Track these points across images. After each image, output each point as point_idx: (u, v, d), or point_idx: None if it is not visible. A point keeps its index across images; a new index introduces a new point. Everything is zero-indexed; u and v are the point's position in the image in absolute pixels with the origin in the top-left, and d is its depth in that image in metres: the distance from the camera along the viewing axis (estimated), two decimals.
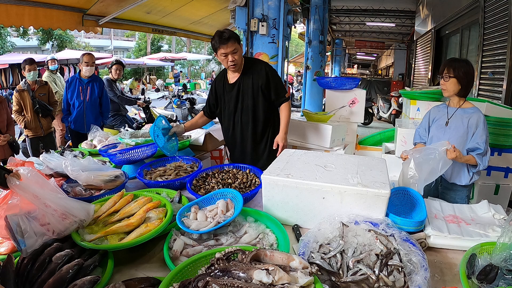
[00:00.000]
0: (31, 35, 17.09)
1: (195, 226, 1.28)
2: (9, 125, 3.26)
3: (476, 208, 1.54)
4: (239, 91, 2.24)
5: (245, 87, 2.23)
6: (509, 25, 3.55)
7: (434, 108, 2.16)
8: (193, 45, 30.11)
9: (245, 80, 2.22)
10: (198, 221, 1.32)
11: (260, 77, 2.20)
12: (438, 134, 2.04)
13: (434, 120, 2.11)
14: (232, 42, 2.04)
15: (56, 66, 5.37)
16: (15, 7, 3.66)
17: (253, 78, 2.21)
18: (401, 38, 14.09)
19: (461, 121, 1.95)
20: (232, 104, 2.27)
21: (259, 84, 2.20)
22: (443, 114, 2.06)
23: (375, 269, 1.03)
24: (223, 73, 2.33)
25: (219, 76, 2.36)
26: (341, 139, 3.14)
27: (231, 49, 2.06)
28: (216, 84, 2.34)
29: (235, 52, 2.09)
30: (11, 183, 1.17)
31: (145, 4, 4.76)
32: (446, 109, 2.06)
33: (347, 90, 3.58)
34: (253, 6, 3.98)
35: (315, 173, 1.47)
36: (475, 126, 1.89)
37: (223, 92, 2.30)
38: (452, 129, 1.97)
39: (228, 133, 2.37)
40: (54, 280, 0.99)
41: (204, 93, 12.79)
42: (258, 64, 2.26)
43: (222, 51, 2.06)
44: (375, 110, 10.56)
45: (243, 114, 2.27)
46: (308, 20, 7.63)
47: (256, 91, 2.22)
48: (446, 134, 1.99)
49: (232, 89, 2.26)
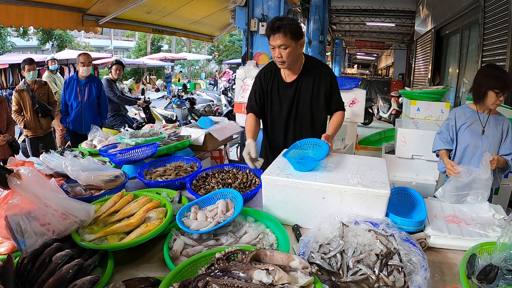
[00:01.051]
0: (31, 35, 17.09)
1: (195, 226, 1.28)
2: (9, 125, 3.26)
3: (476, 208, 1.54)
4: (295, 93, 1.97)
5: (303, 90, 1.96)
6: (509, 25, 3.55)
7: (459, 112, 2.10)
8: (193, 45, 30.13)
9: (305, 82, 1.95)
10: (198, 221, 1.32)
11: (323, 83, 1.95)
12: (475, 143, 2.03)
13: (463, 126, 2.06)
14: (282, 34, 1.73)
15: (56, 66, 5.37)
16: (15, 7, 3.67)
17: (315, 82, 1.94)
18: (401, 38, 14.10)
19: (495, 128, 2.00)
20: (286, 106, 2.00)
21: (322, 90, 1.95)
22: (474, 120, 2.04)
23: (375, 269, 1.03)
24: (272, 68, 2.01)
25: (267, 71, 2.03)
26: (341, 139, 3.15)
27: (279, 42, 1.75)
28: (263, 79, 2.03)
29: (285, 48, 1.78)
30: (12, 182, 1.17)
31: (145, 4, 4.77)
32: (475, 115, 2.04)
33: (347, 90, 3.59)
34: (253, 6, 3.99)
35: (315, 173, 1.47)
36: (506, 132, 1.98)
37: (275, 90, 2.01)
38: (490, 138, 2.00)
39: (276, 136, 2.09)
40: (54, 280, 0.99)
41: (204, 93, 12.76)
42: (323, 68, 2.00)
43: (271, 41, 1.79)
44: (375, 110, 10.55)
45: (297, 119, 2.02)
46: (308, 20, 7.64)
47: (315, 96, 1.96)
48: (484, 142, 2.01)
49: (288, 89, 1.98)
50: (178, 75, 22.90)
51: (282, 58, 1.80)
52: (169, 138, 2.56)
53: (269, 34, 1.78)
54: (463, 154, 2.08)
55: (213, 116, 4.83)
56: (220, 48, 28.15)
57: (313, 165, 1.51)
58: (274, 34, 1.75)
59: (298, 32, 1.78)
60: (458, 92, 5.75)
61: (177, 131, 2.82)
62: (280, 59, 1.81)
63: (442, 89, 3.74)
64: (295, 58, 1.85)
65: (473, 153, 2.04)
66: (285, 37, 1.74)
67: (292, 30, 1.74)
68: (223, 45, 27.58)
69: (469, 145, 2.04)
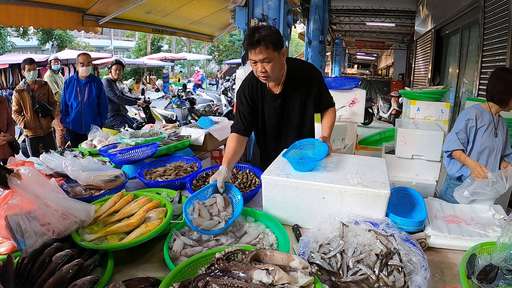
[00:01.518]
0: (31, 35, 17.09)
1: (205, 226, 1.27)
2: (9, 125, 3.26)
3: (476, 208, 1.54)
4: (284, 104, 1.87)
5: (292, 99, 1.86)
6: (509, 25, 3.55)
7: (479, 113, 2.07)
8: (193, 45, 30.13)
9: (292, 91, 1.83)
10: (206, 219, 1.31)
11: (311, 87, 1.85)
12: (489, 145, 2.06)
13: (482, 127, 2.06)
14: (264, 47, 1.55)
15: (59, 66, 5.37)
16: (15, 7, 3.67)
17: (303, 88, 1.84)
18: (401, 38, 14.09)
19: (503, 129, 2.06)
20: (276, 117, 1.91)
21: (311, 95, 1.86)
22: (489, 121, 2.05)
23: (375, 269, 1.03)
24: (256, 80, 1.83)
25: (252, 82, 1.86)
26: (341, 139, 3.15)
27: (261, 57, 1.58)
28: (250, 92, 1.87)
29: (268, 62, 1.61)
30: (12, 182, 1.17)
31: (145, 4, 4.77)
32: (490, 117, 2.06)
33: (347, 90, 3.59)
34: (253, 6, 3.98)
35: (315, 173, 1.47)
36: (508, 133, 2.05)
37: (264, 102, 1.89)
38: (500, 139, 2.05)
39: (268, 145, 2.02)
40: (54, 280, 0.99)
41: (204, 93, 12.76)
42: (308, 70, 1.88)
43: (251, 56, 1.61)
44: (375, 110, 10.56)
45: (288, 129, 1.94)
46: (308, 20, 7.63)
47: (304, 102, 1.87)
48: (498, 144, 2.05)
49: (276, 101, 1.86)
50: (178, 75, 22.89)
51: (266, 72, 1.63)
52: (169, 138, 2.56)
53: (248, 48, 1.59)
54: (479, 156, 2.07)
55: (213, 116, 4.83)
56: (220, 48, 28.15)
57: (313, 165, 1.51)
58: (255, 49, 1.56)
59: (279, 42, 1.61)
60: (458, 92, 5.75)
61: (177, 131, 2.82)
62: (265, 74, 1.64)
63: (442, 89, 3.73)
64: (278, 69, 1.70)
65: (489, 155, 2.06)
66: (267, 50, 1.57)
67: (273, 41, 1.57)
68: (223, 45, 27.58)
69: (487, 147, 2.05)
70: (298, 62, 1.93)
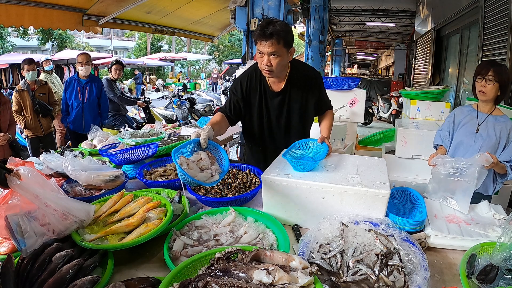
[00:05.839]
0: (31, 35, 17.10)
1: (201, 178, 1.28)
2: (10, 126, 3.26)
3: (476, 208, 1.54)
4: (284, 103, 1.85)
5: (292, 100, 1.84)
6: (509, 25, 3.55)
7: (459, 110, 2.06)
8: (193, 45, 30.15)
9: (294, 91, 1.83)
10: (196, 172, 1.30)
11: (312, 90, 1.85)
12: (468, 141, 1.95)
13: (460, 124, 2.01)
14: (275, 41, 1.57)
15: (51, 66, 5.36)
16: (15, 7, 3.67)
17: (304, 89, 1.83)
18: (401, 38, 14.11)
19: (493, 129, 1.88)
20: (274, 116, 1.89)
21: (312, 99, 1.86)
22: (471, 118, 1.97)
23: (375, 269, 1.03)
24: (257, 75, 1.82)
25: (251, 74, 1.86)
26: (341, 139, 3.15)
27: (270, 50, 1.59)
28: (245, 88, 1.86)
29: (276, 56, 1.62)
30: (12, 182, 1.17)
31: (145, 4, 4.77)
32: (474, 114, 1.97)
33: (347, 90, 3.59)
34: (253, 6, 3.99)
35: (315, 173, 1.47)
36: (506, 136, 1.85)
37: (262, 100, 1.87)
38: (484, 137, 1.89)
39: (262, 143, 2.01)
40: (54, 280, 0.99)
41: (204, 93, 12.78)
42: (311, 73, 1.87)
43: (259, 47, 1.62)
44: (375, 110, 10.56)
45: (285, 129, 1.93)
46: (308, 20, 7.64)
47: (305, 104, 1.87)
48: (477, 141, 1.91)
49: (275, 98, 1.85)
50: (178, 75, 22.90)
51: (271, 66, 1.64)
52: (169, 138, 2.56)
53: (259, 39, 1.60)
54: (455, 151, 2.03)
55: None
56: (220, 48, 28.17)
57: (313, 165, 1.51)
58: (266, 41, 1.57)
59: (291, 40, 1.64)
60: (458, 92, 5.75)
61: (177, 131, 2.82)
62: (269, 67, 1.65)
63: (442, 89, 3.74)
64: (283, 67, 1.71)
65: (465, 151, 1.97)
66: (278, 45, 1.58)
67: (286, 38, 1.59)
68: (223, 45, 27.60)
69: (462, 142, 1.98)
70: (302, 65, 1.93)
